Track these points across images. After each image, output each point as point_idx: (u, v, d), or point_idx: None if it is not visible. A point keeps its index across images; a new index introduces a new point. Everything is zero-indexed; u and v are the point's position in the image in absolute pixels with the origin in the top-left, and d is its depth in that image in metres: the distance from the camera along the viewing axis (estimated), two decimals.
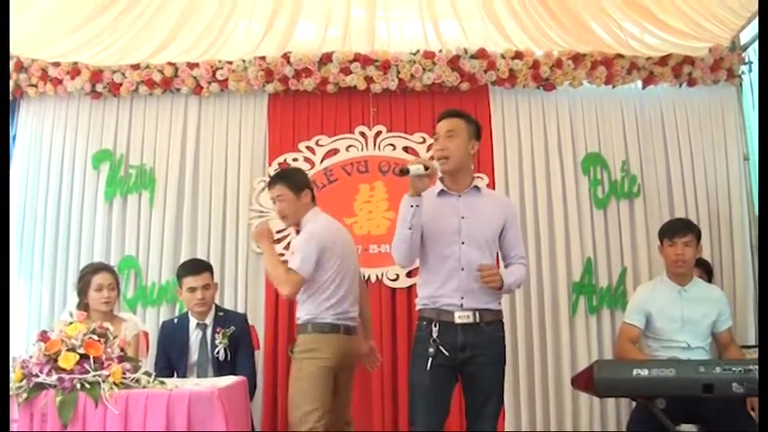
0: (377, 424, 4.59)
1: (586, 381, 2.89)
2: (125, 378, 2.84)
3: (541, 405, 4.69)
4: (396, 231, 3.08)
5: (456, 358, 3.01)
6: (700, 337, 3.62)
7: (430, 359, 2.97)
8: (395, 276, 4.73)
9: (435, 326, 3.02)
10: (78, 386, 2.74)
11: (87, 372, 2.78)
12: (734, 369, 2.74)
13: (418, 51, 4.84)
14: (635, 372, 2.76)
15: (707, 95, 5.05)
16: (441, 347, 2.98)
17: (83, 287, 3.83)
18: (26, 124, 5.04)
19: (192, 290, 3.90)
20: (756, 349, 4.34)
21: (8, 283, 2.95)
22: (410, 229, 2.97)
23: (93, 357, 2.82)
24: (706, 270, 4.35)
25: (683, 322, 3.61)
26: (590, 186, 4.92)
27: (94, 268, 3.91)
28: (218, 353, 3.83)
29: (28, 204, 4.91)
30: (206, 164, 4.94)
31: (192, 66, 4.83)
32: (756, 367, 2.74)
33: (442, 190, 3.17)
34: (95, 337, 2.88)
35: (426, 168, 2.92)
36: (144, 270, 4.80)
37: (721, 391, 2.71)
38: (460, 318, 3.03)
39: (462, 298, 3.04)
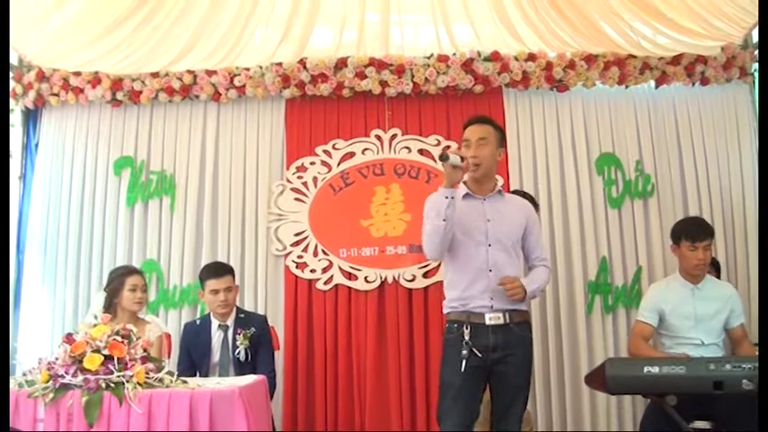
0: (395, 423, 4.64)
1: (599, 379, 2.94)
2: (148, 378, 2.93)
3: (558, 405, 4.73)
4: (425, 226, 3.14)
5: (487, 359, 3.07)
6: (713, 334, 3.64)
7: (464, 361, 3.02)
8: (411, 277, 4.78)
9: (467, 328, 3.08)
10: (103, 386, 2.83)
11: (112, 372, 2.87)
12: (744, 366, 2.78)
13: (432, 55, 4.90)
14: (646, 369, 2.81)
15: (720, 94, 5.07)
16: (473, 349, 3.04)
17: (116, 287, 3.90)
18: (48, 133, 5.16)
19: (215, 292, 3.98)
20: None
21: (8, 282, 3.02)
22: (445, 220, 3.03)
23: (118, 358, 2.91)
24: (715, 268, 4.36)
25: (696, 320, 3.65)
26: (604, 186, 4.95)
27: (128, 270, 4.00)
28: (238, 353, 3.90)
29: (51, 211, 5.02)
30: (225, 169, 5.03)
31: (210, 73, 4.92)
32: None
33: (467, 193, 3.23)
34: (119, 339, 2.97)
35: (462, 160, 3.01)
36: (165, 273, 4.90)
37: (731, 388, 2.75)
38: (491, 319, 3.10)
39: (492, 299, 3.11)
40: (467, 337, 3.06)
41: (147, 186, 5.00)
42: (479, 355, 3.04)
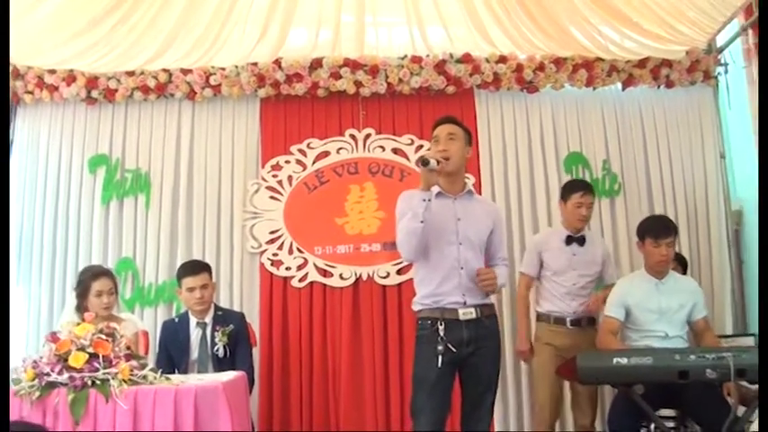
0: (369, 419, 4.72)
1: (571, 370, 3.07)
2: (133, 375, 2.98)
3: (515, 399, 4.86)
4: (400, 227, 3.21)
5: (461, 353, 3.15)
6: (677, 327, 3.78)
7: (440, 357, 3.09)
8: (385, 274, 4.87)
9: (441, 324, 3.15)
10: (89, 383, 2.88)
11: (97, 370, 2.92)
12: (707, 356, 2.93)
13: (406, 56, 4.99)
14: (615, 360, 2.94)
15: (684, 96, 5.24)
16: (449, 344, 3.11)
17: (82, 291, 3.94)
18: (23, 130, 5.13)
19: (191, 290, 4.04)
20: (732, 339, 4.58)
21: (8, 283, 3.05)
22: (422, 222, 3.10)
23: (102, 356, 2.96)
24: (681, 263, 4.53)
25: (660, 313, 3.78)
26: None
27: (94, 273, 4.00)
28: (217, 350, 3.96)
29: (26, 209, 5.00)
30: (200, 167, 5.06)
31: (185, 72, 4.95)
32: (730, 354, 2.93)
33: (439, 192, 3.30)
34: (103, 337, 3.02)
35: (438, 162, 3.10)
36: (141, 271, 4.91)
37: (696, 377, 2.91)
38: (465, 314, 3.18)
39: (464, 295, 3.20)
40: (441, 333, 3.14)
41: (123, 184, 5.00)
42: (454, 350, 3.13)
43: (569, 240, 4.26)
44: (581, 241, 4.26)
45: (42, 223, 4.98)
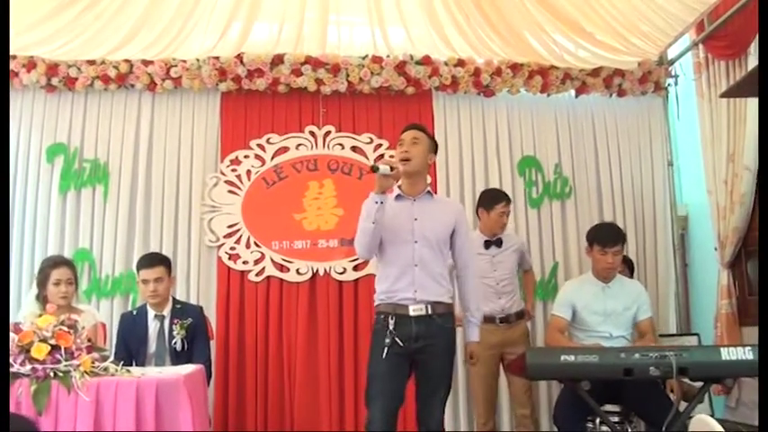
0: (324, 411, 4.82)
1: (520, 366, 3.20)
2: (94, 367, 3.01)
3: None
4: (358, 227, 3.31)
5: (410, 348, 3.25)
6: (621, 328, 3.97)
7: (386, 348, 3.21)
8: (342, 270, 4.96)
9: (392, 318, 3.26)
10: (51, 375, 2.89)
11: (59, 361, 2.93)
12: (651, 355, 3.08)
13: (367, 56, 5.07)
14: (563, 358, 3.07)
15: (635, 105, 5.46)
16: (396, 338, 3.22)
17: (42, 280, 3.93)
18: None
19: (146, 282, 4.07)
20: (676, 338, 4.81)
21: (8, 283, 3.04)
22: (374, 223, 3.22)
23: (64, 348, 2.97)
24: (629, 266, 4.73)
25: (605, 315, 3.96)
26: (525, 187, 5.26)
27: (53, 262, 4.00)
28: (175, 343, 3.99)
29: None
30: (159, 159, 5.06)
31: (146, 63, 4.94)
32: (672, 353, 3.09)
33: (399, 195, 3.43)
34: (65, 329, 3.03)
35: (392, 169, 3.19)
36: (98, 263, 4.90)
37: (640, 375, 3.05)
38: (414, 310, 3.28)
39: (416, 292, 3.29)
40: (391, 327, 3.25)
41: (81, 174, 4.97)
42: (402, 344, 3.23)
43: (488, 245, 4.46)
44: (499, 243, 4.48)
45: None
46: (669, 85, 5.41)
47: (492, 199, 4.49)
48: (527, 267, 4.70)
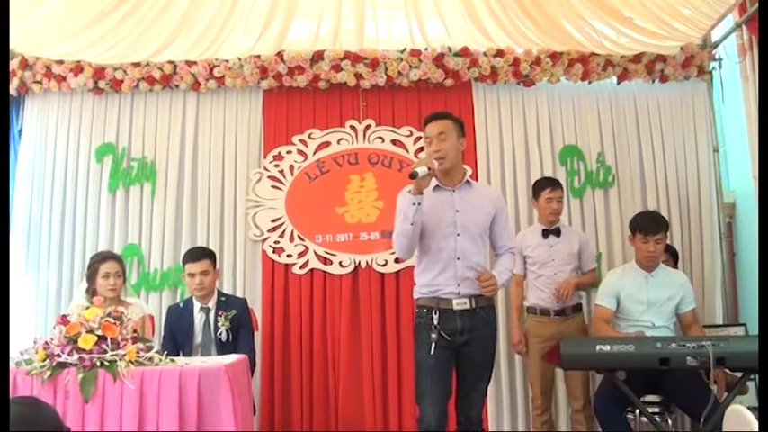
0: (368, 401, 4.86)
1: (555, 356, 3.20)
2: (139, 356, 3.13)
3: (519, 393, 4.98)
4: (395, 227, 3.32)
5: (455, 341, 3.27)
6: (663, 318, 3.93)
7: (433, 344, 3.21)
8: (384, 262, 5.00)
9: (435, 313, 3.27)
10: (98, 364, 3.02)
11: (105, 351, 3.07)
12: (688, 345, 3.06)
13: (405, 49, 5.10)
14: (598, 347, 3.07)
15: (678, 90, 5.34)
16: (442, 333, 3.23)
17: (91, 274, 4.08)
18: (31, 120, 5.26)
19: (192, 275, 4.17)
20: (722, 328, 4.72)
21: (8, 282, 3.16)
22: (412, 225, 3.21)
23: (110, 338, 3.11)
24: (673, 255, 4.65)
25: (648, 304, 3.93)
26: (567, 176, 5.20)
27: (102, 257, 4.15)
28: (220, 334, 4.10)
29: (34, 197, 5.14)
30: (204, 156, 5.18)
31: (190, 63, 5.06)
32: (710, 343, 3.06)
33: (437, 185, 3.40)
34: (111, 320, 3.16)
35: (429, 169, 3.18)
36: (146, 257, 5.05)
37: (676, 364, 3.04)
38: (458, 304, 3.29)
39: (459, 285, 3.30)
40: (435, 322, 3.25)
41: (129, 173, 5.13)
42: (448, 338, 3.24)
43: (545, 234, 4.49)
44: (557, 233, 4.49)
45: (51, 211, 5.11)
46: (713, 68, 5.27)
47: (539, 186, 4.57)
48: (586, 269, 4.60)
